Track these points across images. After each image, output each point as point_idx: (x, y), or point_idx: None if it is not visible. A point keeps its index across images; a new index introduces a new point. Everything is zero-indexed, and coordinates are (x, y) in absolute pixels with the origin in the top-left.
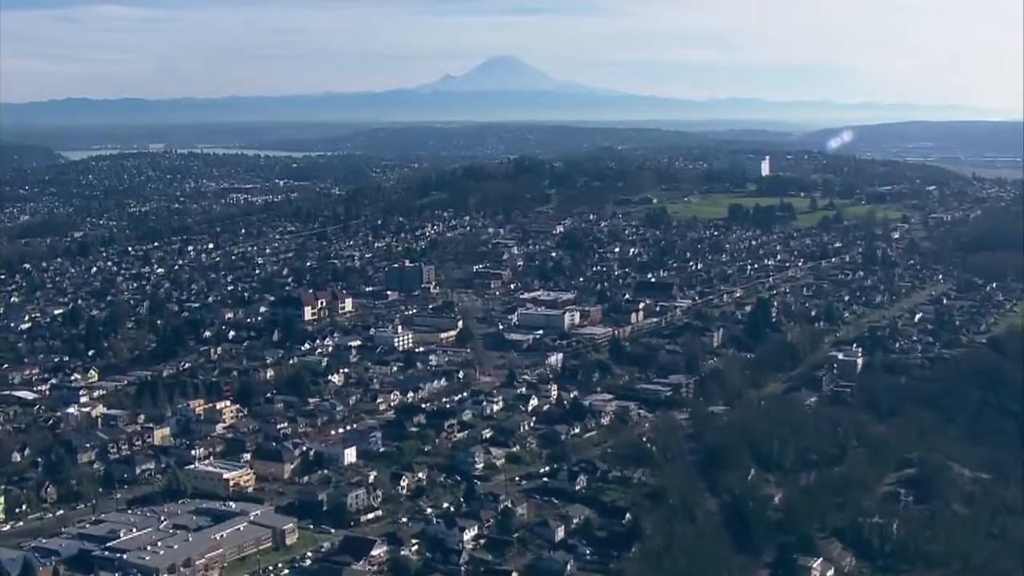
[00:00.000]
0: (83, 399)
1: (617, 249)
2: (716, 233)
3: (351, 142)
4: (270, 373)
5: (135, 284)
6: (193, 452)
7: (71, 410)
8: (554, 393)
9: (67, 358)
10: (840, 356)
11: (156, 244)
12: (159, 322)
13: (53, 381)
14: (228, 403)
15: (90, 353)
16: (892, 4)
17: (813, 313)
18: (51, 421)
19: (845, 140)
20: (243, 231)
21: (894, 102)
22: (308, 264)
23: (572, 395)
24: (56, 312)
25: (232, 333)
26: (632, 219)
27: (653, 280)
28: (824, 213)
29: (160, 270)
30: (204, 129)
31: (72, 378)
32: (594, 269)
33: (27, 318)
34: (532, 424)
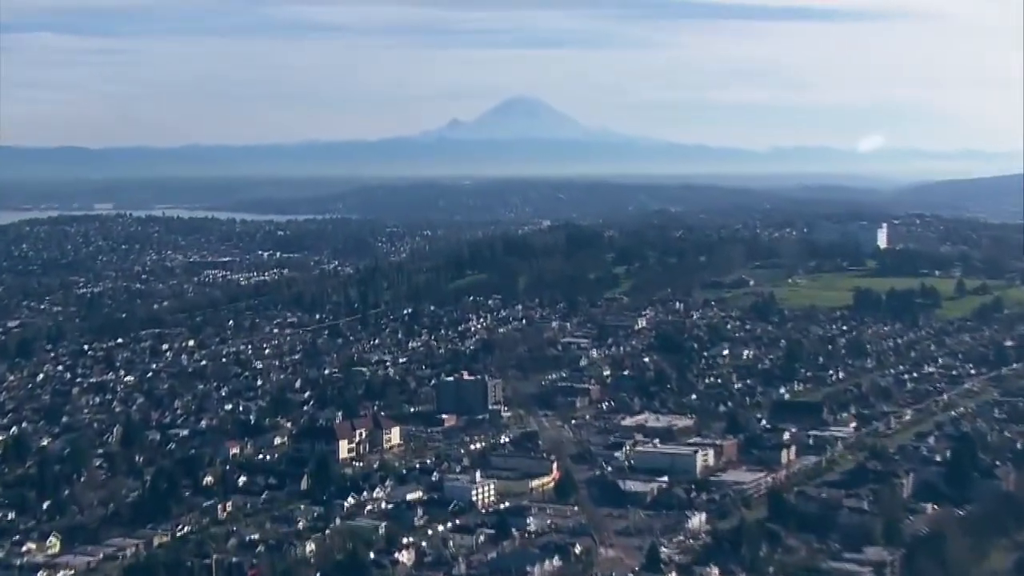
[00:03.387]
0: None
1: (726, 352)
2: (846, 327)
3: (343, 202)
4: (310, 547)
5: (97, 399)
6: None
7: None
8: None
9: (13, 515)
10: None
11: (120, 340)
12: (138, 458)
13: None
14: None
15: (45, 506)
16: (990, 31)
17: (1022, 447)
18: None
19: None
20: (231, 323)
21: (1003, 149)
22: (326, 372)
23: None
24: None
25: (243, 478)
26: (731, 308)
27: (789, 397)
28: (977, 299)
29: (129, 378)
30: (162, 185)
31: (23, 548)
32: (706, 381)
33: None
34: None
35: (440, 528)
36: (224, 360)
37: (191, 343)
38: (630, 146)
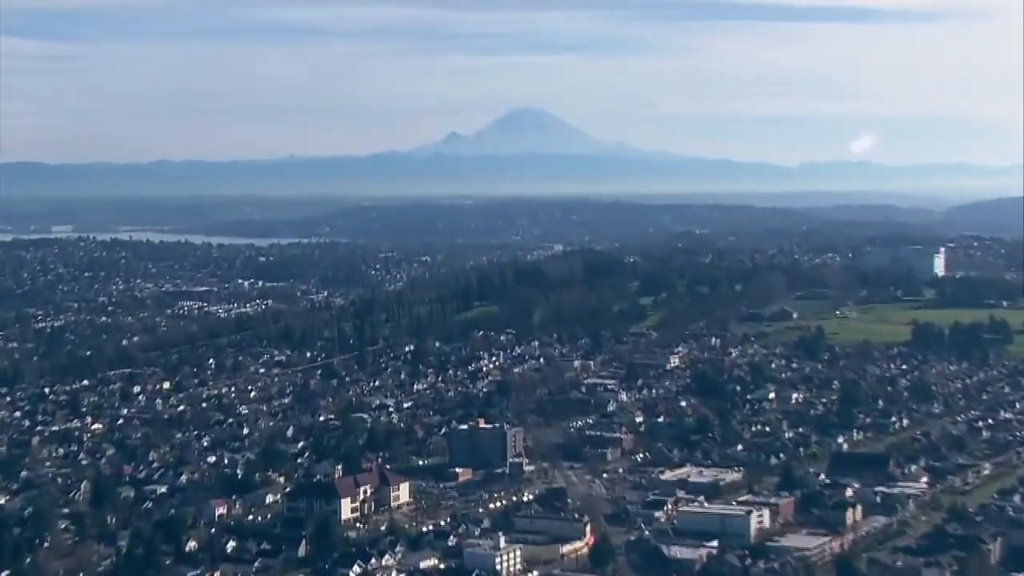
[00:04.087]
0: None
1: (772, 395)
2: (906, 366)
3: (331, 225)
4: None
5: (61, 450)
6: None
7: None
8: None
9: None
10: None
11: (85, 382)
12: (110, 520)
13: None
14: None
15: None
16: None
17: None
18: None
19: None
20: (211, 362)
21: None
22: (321, 418)
23: None
24: None
25: (231, 543)
26: (774, 344)
27: (848, 447)
28: None
29: (97, 425)
30: (128, 206)
31: None
32: (752, 429)
33: None
34: None
35: None
36: (205, 405)
37: (166, 385)
38: (648, 162)
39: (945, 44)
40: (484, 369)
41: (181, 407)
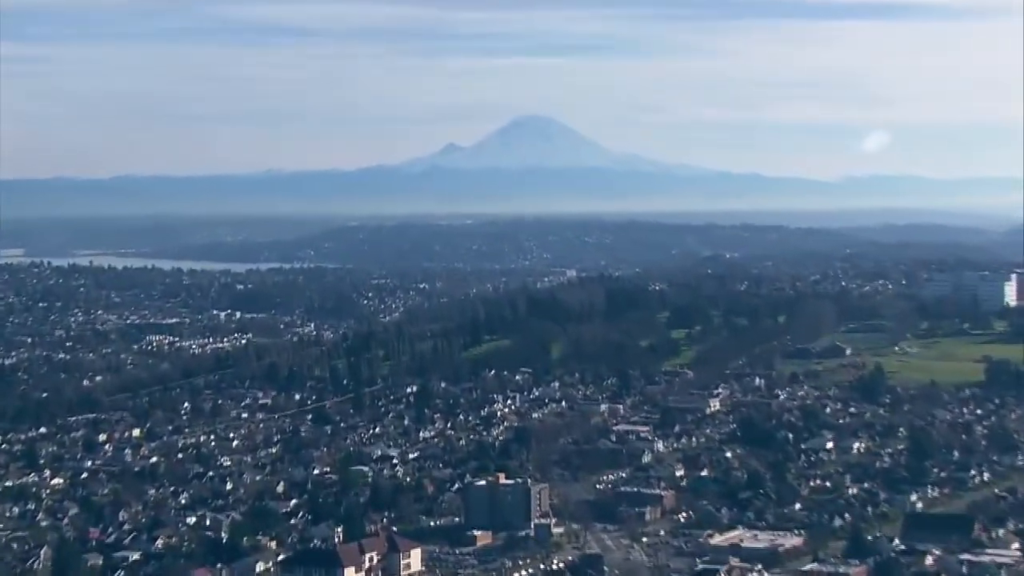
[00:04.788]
0: None
1: (830, 444)
2: (980, 411)
3: (316, 248)
4: None
5: (17, 508)
6: None
7: None
8: None
9: None
10: None
11: (43, 430)
12: None
13: None
14: None
15: None
16: None
17: None
18: None
19: None
20: (186, 405)
21: None
22: (316, 472)
23: None
24: None
25: None
26: (826, 385)
27: (923, 506)
28: None
29: (57, 480)
30: (87, 227)
31: None
32: (811, 484)
33: None
34: None
35: None
36: (181, 455)
37: (136, 433)
38: (666, 176)
39: (997, 44)
40: (499, 414)
41: (154, 458)
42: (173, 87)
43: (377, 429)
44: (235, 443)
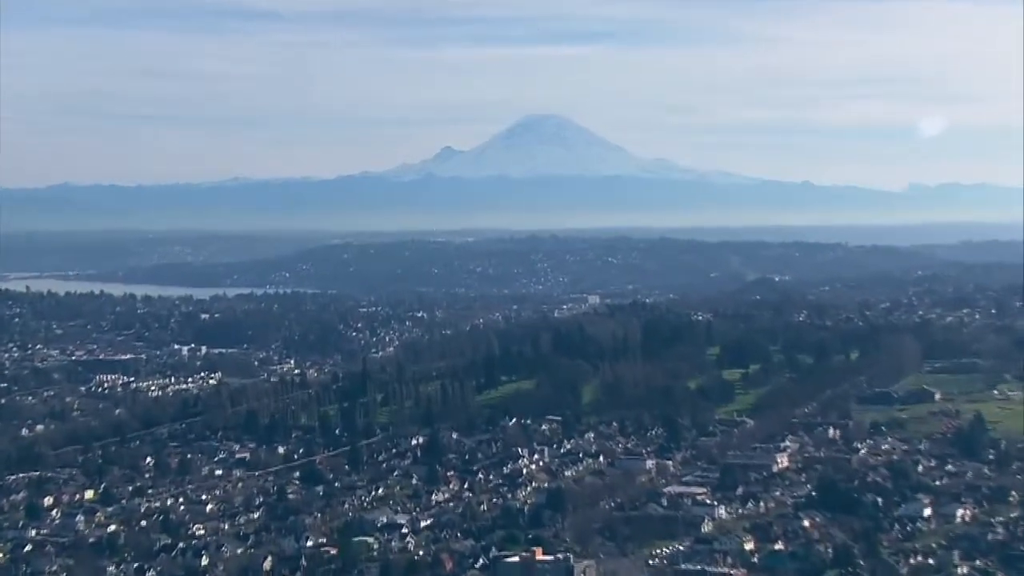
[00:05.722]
0: None
1: (928, 511)
2: None
3: (292, 270)
4: None
5: None
6: None
7: None
8: None
9: None
10: None
11: None
12: None
13: None
14: None
15: None
16: None
17: None
18: None
19: None
20: (149, 461)
21: None
22: (309, 543)
23: None
24: None
25: None
26: (915, 437)
27: None
28: None
29: None
30: (21, 245)
31: None
32: (911, 561)
33: None
34: None
35: None
36: (144, 523)
37: (89, 495)
38: (702, 185)
39: None
40: (525, 472)
41: (111, 526)
42: (118, 82)
43: (380, 490)
44: (209, 507)
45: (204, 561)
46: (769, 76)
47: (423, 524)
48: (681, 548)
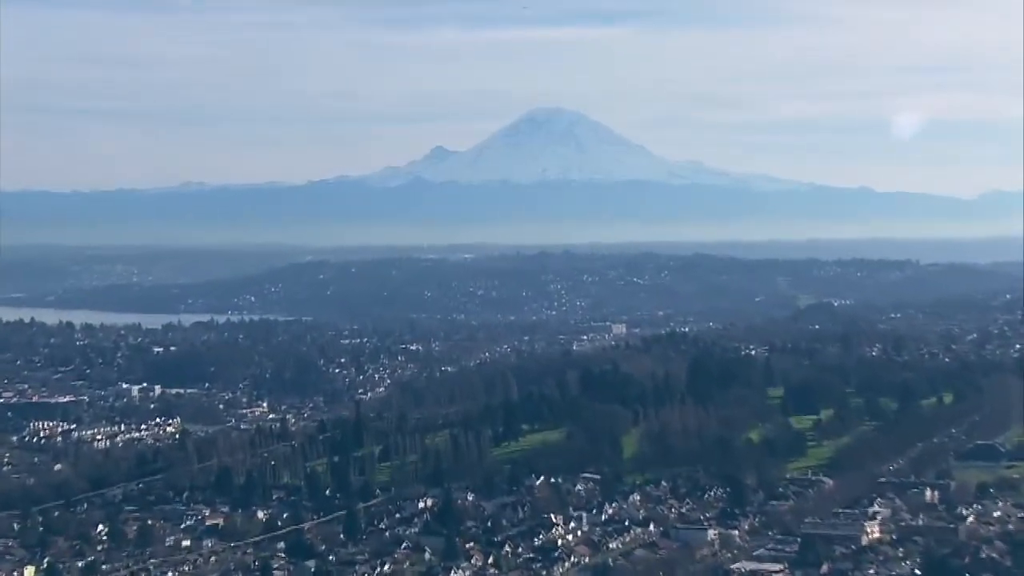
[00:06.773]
0: None
1: None
2: None
3: (259, 293)
4: None
5: None
6: None
7: None
8: None
9: None
10: None
11: None
12: None
13: None
14: None
15: None
16: None
17: None
18: None
19: None
20: (101, 529)
21: None
22: None
23: None
24: None
25: None
26: None
27: None
28: None
29: None
30: None
31: None
32: None
33: None
34: None
35: None
36: None
37: (29, 572)
38: (743, 193)
39: None
40: (560, 543)
41: None
42: (49, 70)
43: (386, 567)
44: None
45: None
46: (822, 63)
47: None
48: None
